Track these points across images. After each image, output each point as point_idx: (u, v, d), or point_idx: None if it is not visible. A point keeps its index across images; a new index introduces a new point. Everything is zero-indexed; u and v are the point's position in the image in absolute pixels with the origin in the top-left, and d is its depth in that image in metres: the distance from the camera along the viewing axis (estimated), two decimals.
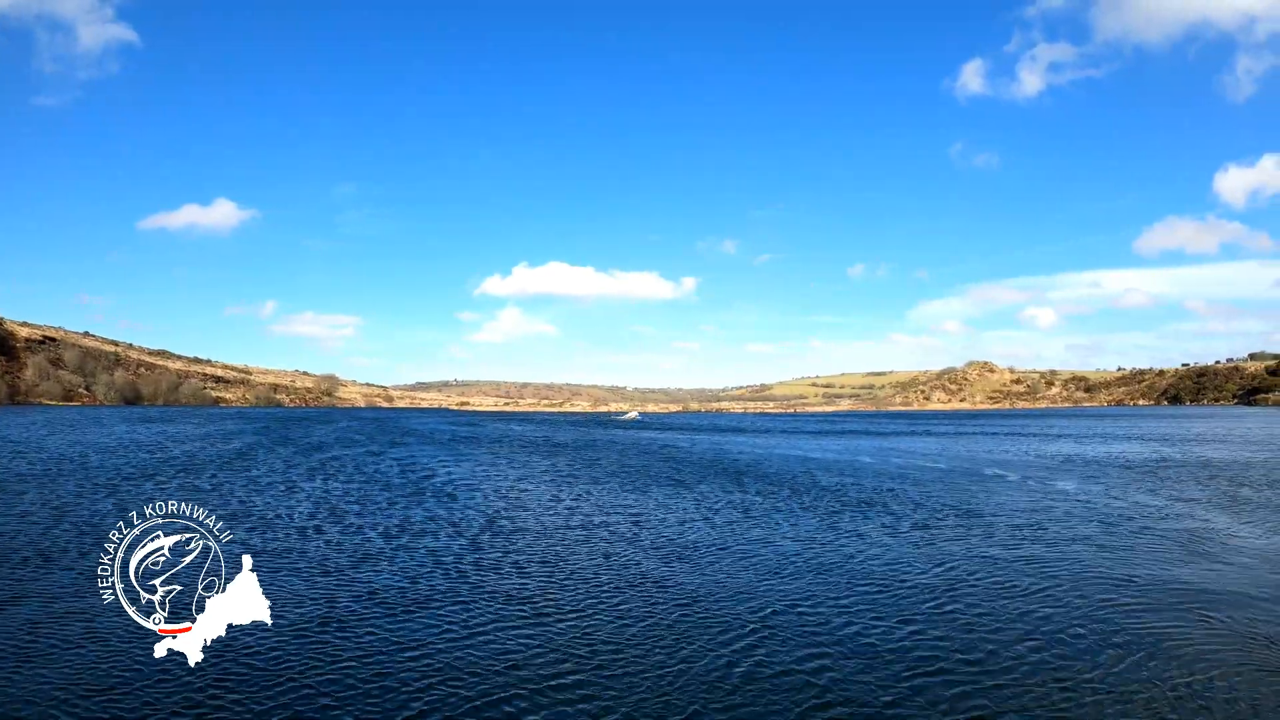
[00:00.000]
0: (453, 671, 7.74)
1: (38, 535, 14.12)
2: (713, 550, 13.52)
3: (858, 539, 14.50)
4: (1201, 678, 7.62)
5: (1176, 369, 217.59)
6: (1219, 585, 11.19)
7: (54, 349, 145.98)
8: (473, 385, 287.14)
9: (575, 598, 10.47)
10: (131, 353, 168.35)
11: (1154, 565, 12.41)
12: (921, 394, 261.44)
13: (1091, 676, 7.64)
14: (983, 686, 7.38)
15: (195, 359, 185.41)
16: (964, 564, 12.42)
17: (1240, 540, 14.57)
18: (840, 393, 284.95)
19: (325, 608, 9.86)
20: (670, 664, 7.99)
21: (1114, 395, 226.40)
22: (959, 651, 8.31)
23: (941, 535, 14.86)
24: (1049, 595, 10.57)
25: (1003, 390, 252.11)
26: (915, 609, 9.94)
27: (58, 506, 17.29)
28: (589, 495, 20.77)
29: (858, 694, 7.22)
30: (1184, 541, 14.35)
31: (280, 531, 14.73)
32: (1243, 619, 9.57)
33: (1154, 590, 10.87)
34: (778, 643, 8.62)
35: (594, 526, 15.90)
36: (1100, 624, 9.30)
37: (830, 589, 10.90)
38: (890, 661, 8.04)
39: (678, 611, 9.82)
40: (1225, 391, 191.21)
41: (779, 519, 16.71)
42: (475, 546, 13.77)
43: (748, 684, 7.46)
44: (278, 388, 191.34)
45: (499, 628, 9.14)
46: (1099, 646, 8.50)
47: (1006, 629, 9.11)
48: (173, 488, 21.00)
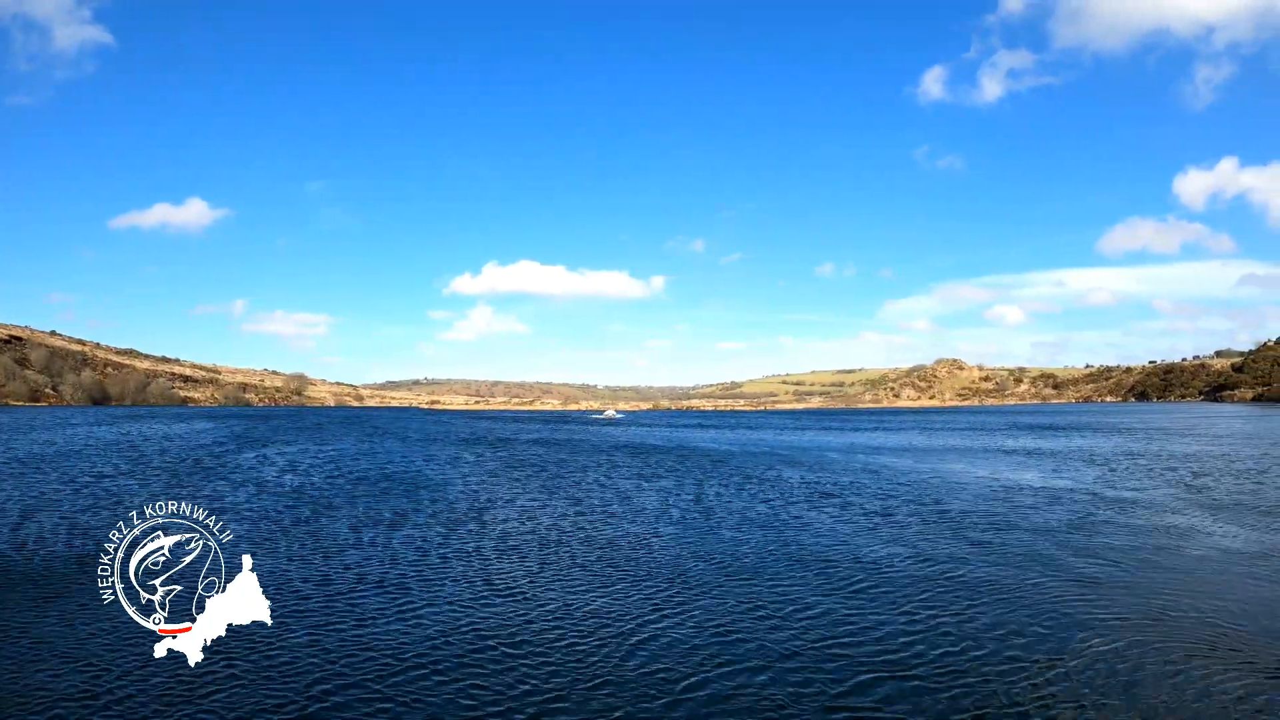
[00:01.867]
0: (454, 671, 7.85)
1: (37, 535, 14.00)
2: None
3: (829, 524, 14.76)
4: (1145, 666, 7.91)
5: (1144, 366, 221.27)
6: (1175, 574, 11.57)
7: (20, 348, 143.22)
8: (443, 384, 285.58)
9: (579, 601, 10.60)
10: (99, 352, 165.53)
11: (1114, 557, 12.78)
12: (891, 391, 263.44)
13: (1051, 670, 7.91)
14: (942, 679, 7.62)
15: (163, 358, 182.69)
16: (941, 559, 12.72)
17: (1208, 534, 14.98)
18: (811, 390, 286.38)
19: (325, 607, 9.92)
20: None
21: (1082, 392, 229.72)
22: (924, 645, 8.57)
23: (916, 529, 15.16)
24: (1000, 585, 10.88)
25: (972, 388, 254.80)
26: (883, 601, 10.20)
27: (55, 506, 17.13)
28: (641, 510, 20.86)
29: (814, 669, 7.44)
30: (1147, 532, 14.77)
31: (278, 531, 14.74)
32: (1208, 611, 9.91)
33: (1115, 586, 11.21)
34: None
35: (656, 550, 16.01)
36: (1056, 615, 9.59)
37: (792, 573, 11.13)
38: (858, 648, 8.28)
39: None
40: (1192, 389, 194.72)
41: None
42: (488, 553, 13.84)
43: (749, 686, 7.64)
44: (246, 387, 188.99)
45: (500, 627, 9.26)
46: (1054, 638, 8.79)
47: (966, 621, 9.38)
48: (164, 487, 20.83)
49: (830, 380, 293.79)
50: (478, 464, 29.88)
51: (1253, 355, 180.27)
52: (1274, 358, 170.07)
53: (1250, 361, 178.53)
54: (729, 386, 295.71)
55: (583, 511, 17.65)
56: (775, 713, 6.84)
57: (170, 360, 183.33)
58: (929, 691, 7.22)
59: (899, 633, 8.89)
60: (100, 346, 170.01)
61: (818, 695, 7.17)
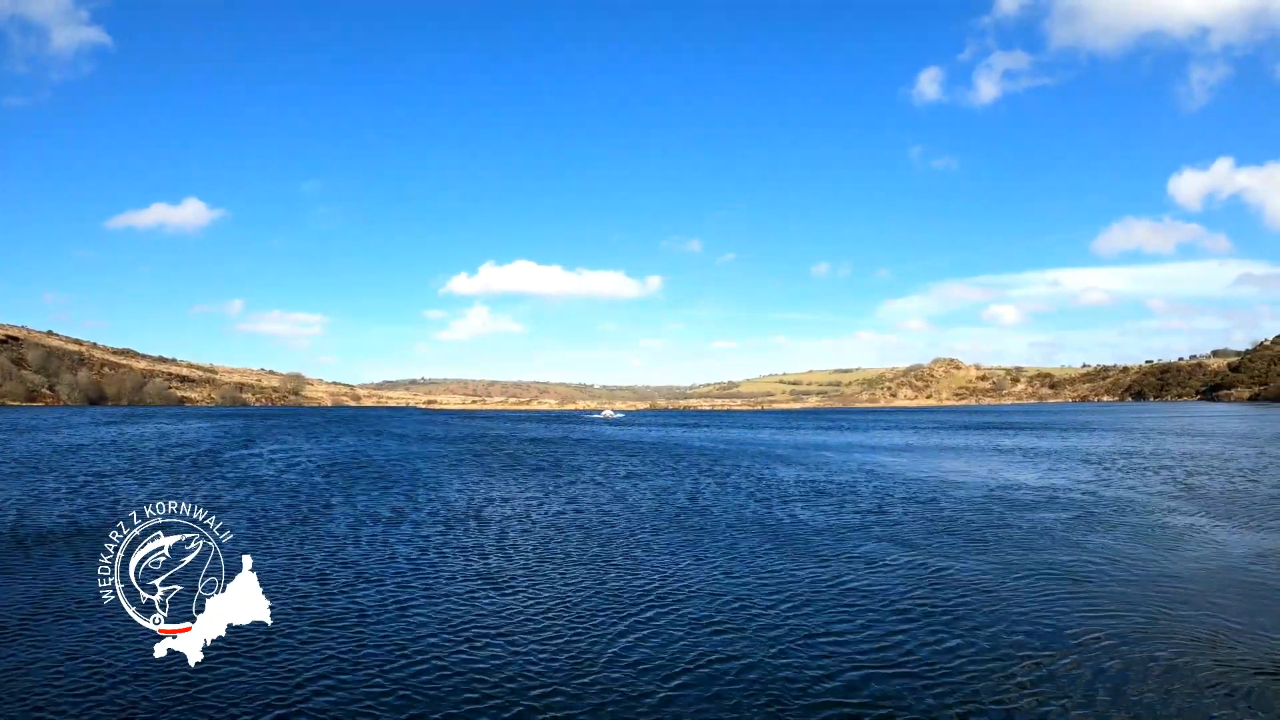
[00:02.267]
0: (454, 668, 7.87)
1: (36, 535, 14.00)
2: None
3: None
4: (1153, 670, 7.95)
5: (1140, 366, 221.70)
6: (1180, 574, 11.62)
7: (16, 348, 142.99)
8: (440, 383, 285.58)
9: (576, 597, 10.63)
10: (96, 352, 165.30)
11: (1114, 556, 12.83)
12: (888, 391, 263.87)
13: (1041, 670, 7.95)
14: (940, 681, 7.66)
15: (160, 358, 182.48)
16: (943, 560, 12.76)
17: (1203, 533, 15.03)
18: (807, 390, 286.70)
19: (325, 606, 9.93)
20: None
21: (1079, 391, 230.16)
22: (922, 645, 8.61)
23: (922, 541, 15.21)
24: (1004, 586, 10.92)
25: (969, 387, 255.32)
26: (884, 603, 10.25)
27: (54, 506, 17.13)
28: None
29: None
30: (1146, 530, 14.82)
31: (278, 530, 14.76)
32: (1203, 614, 9.96)
33: (1114, 584, 11.26)
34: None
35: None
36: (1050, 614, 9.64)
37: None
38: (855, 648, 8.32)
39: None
40: (1188, 388, 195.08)
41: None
42: (487, 550, 13.86)
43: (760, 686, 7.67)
44: (243, 387, 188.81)
45: (502, 626, 9.28)
46: (1048, 639, 8.83)
47: (962, 620, 9.42)
48: (164, 487, 20.83)
49: (827, 380, 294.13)
50: (475, 462, 29.89)
51: (1249, 355, 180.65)
52: (1271, 357, 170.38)
53: (1247, 361, 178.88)
54: (726, 386, 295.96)
55: (580, 510, 17.66)
56: (766, 708, 6.86)
57: (167, 360, 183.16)
58: (921, 689, 7.25)
59: (891, 631, 8.92)
60: (97, 346, 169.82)
61: (809, 690, 7.20)
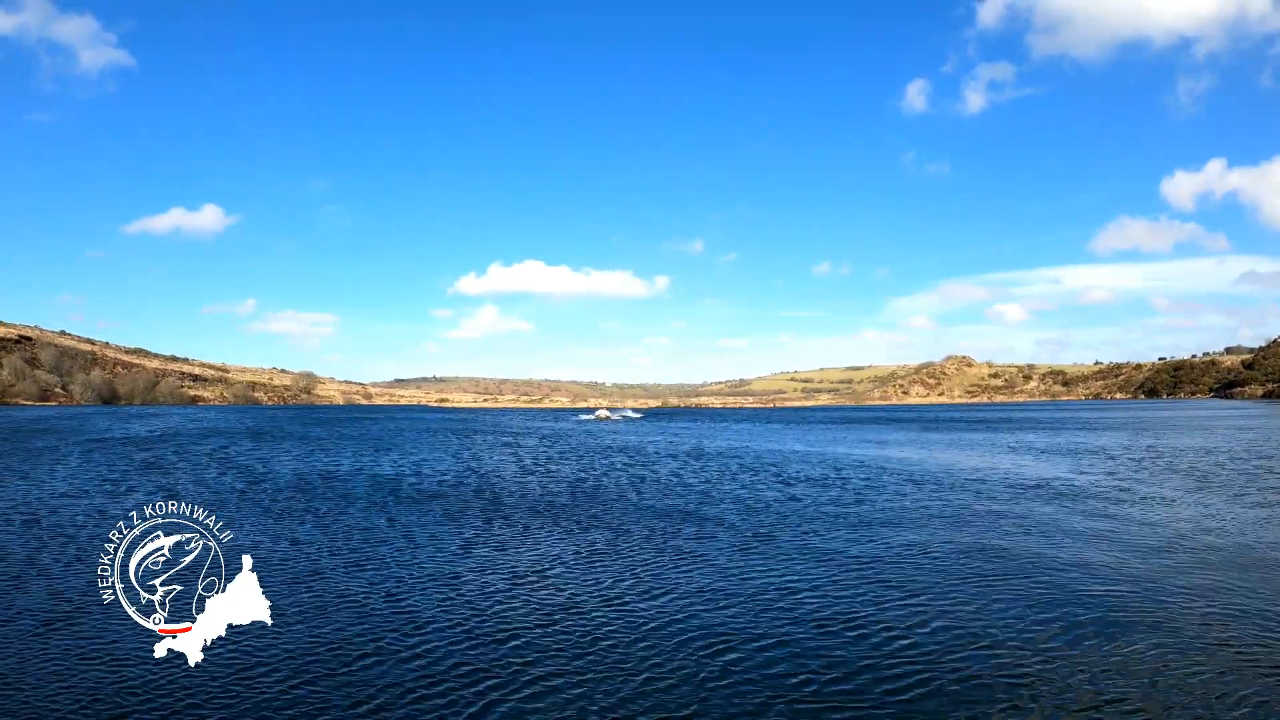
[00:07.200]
0: (455, 667, 7.79)
1: (37, 535, 14.04)
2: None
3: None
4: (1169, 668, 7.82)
5: (1153, 363, 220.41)
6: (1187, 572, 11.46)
7: (30, 348, 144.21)
8: (451, 382, 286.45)
9: (584, 598, 10.56)
10: (108, 351, 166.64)
11: (1131, 554, 12.67)
12: (900, 388, 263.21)
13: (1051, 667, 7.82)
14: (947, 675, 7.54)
15: (172, 357, 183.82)
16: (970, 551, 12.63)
17: (1222, 532, 14.84)
18: (819, 387, 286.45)
19: (326, 606, 9.89)
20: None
21: (1092, 389, 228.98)
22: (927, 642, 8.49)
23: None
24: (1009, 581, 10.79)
25: (981, 384, 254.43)
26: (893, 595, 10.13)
27: (55, 506, 17.19)
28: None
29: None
30: (1161, 527, 14.65)
31: (279, 530, 14.75)
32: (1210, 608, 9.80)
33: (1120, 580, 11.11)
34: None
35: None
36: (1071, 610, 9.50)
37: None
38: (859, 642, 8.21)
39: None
40: (1202, 385, 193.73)
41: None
42: (493, 549, 13.81)
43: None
44: (255, 386, 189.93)
45: (502, 625, 9.21)
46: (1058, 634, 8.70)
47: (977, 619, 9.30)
48: (165, 486, 20.88)
49: (838, 377, 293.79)
50: (486, 458, 29.85)
51: (1263, 352, 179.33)
52: None
53: (1260, 358, 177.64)
54: (737, 384, 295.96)
55: (595, 512, 17.59)
56: (767, 697, 6.77)
57: (179, 359, 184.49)
58: (929, 683, 7.15)
59: (900, 621, 8.81)
60: (109, 346, 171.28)
61: (818, 681, 7.10)
